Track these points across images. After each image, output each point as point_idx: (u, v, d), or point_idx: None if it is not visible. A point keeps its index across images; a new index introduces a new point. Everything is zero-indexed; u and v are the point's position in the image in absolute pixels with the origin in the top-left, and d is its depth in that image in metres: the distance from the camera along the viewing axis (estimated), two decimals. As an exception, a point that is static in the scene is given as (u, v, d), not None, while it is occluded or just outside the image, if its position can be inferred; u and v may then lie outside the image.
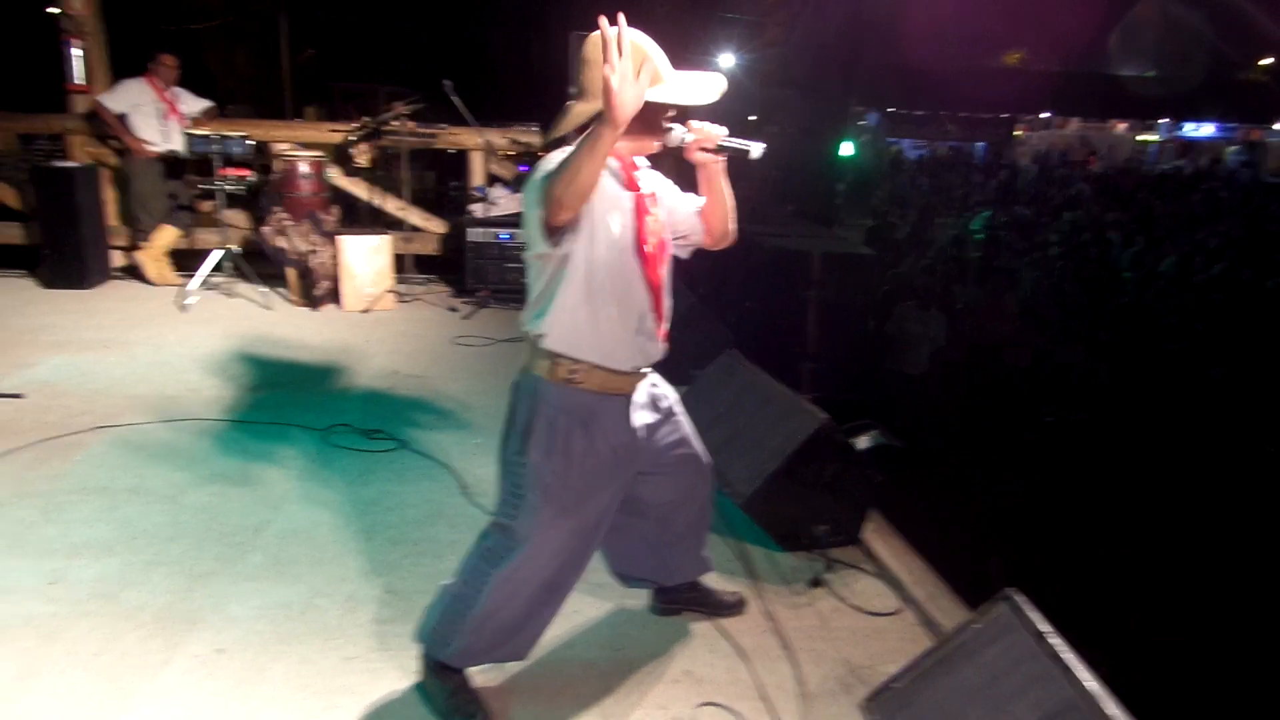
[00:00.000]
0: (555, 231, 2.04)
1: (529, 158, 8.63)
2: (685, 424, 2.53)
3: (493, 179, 7.44)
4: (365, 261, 6.34)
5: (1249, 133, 32.42)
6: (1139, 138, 33.90)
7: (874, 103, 26.58)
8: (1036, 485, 6.10)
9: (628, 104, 1.83)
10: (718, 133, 2.22)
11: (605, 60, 1.82)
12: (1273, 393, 7.60)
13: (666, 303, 2.31)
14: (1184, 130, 33.36)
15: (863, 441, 3.90)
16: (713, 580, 2.93)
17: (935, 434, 6.63)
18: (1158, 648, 4.34)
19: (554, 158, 2.06)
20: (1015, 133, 31.76)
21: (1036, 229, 13.46)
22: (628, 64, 1.84)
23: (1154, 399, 7.79)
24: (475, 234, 6.79)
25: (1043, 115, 32.53)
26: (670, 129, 2.19)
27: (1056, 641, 1.98)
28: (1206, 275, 10.55)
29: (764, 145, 2.21)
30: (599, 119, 1.86)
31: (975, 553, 4.16)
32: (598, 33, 2.11)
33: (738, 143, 2.23)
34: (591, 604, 2.88)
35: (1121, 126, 34.12)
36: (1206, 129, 32.87)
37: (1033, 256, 11.47)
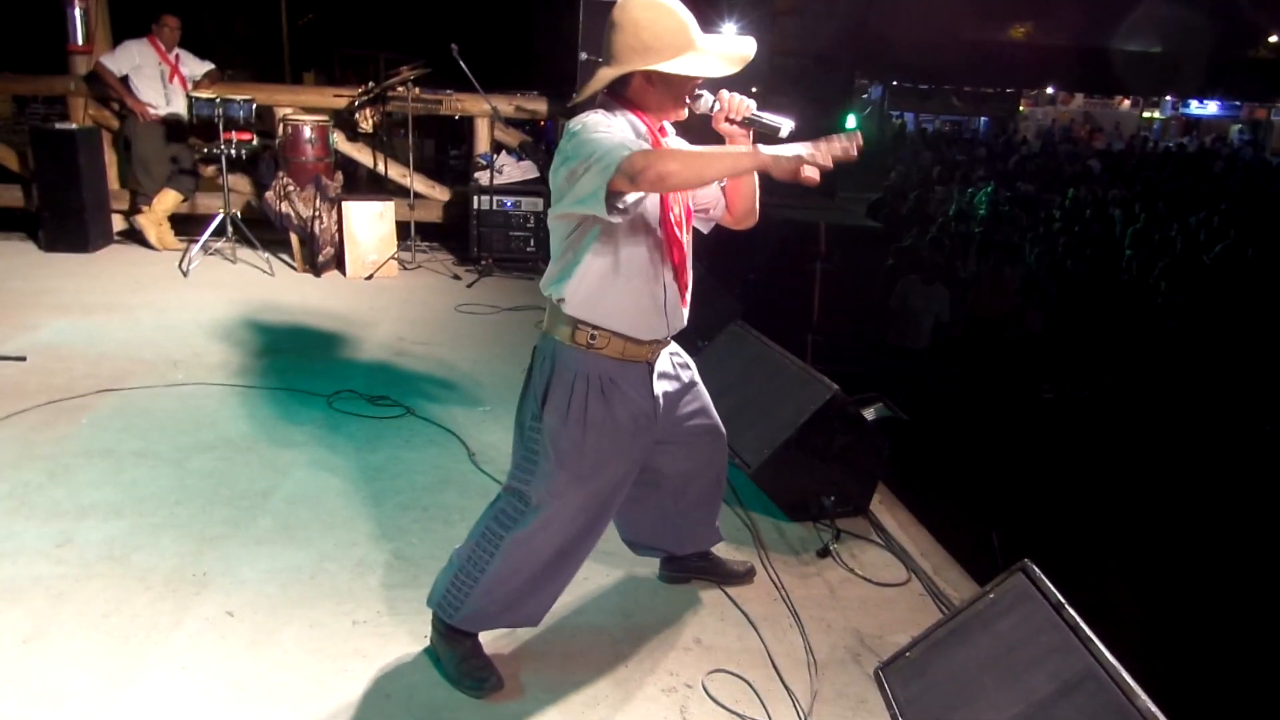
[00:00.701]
0: (620, 197, 1.92)
1: (532, 126, 8.56)
2: (705, 395, 2.51)
3: (498, 146, 7.37)
4: (369, 228, 6.30)
5: (1254, 111, 32.28)
6: (1144, 114, 33.73)
7: (879, 75, 26.41)
8: (1034, 461, 6.12)
9: (792, 175, 1.89)
10: (747, 105, 2.14)
11: (824, 151, 1.88)
12: (1272, 371, 7.61)
13: (689, 273, 2.28)
14: (1189, 107, 33.19)
15: (868, 413, 3.88)
16: (721, 549, 2.93)
17: (936, 408, 6.64)
18: (1155, 623, 4.37)
19: (592, 120, 2.00)
20: (1019, 108, 31.57)
21: (1040, 205, 13.42)
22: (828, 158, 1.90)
23: (1153, 376, 7.81)
24: (481, 201, 6.75)
25: (1047, 90, 32.33)
26: (700, 95, 2.14)
27: (1073, 613, 1.98)
28: (1209, 253, 10.53)
29: (793, 123, 2.11)
30: (762, 155, 1.91)
31: (978, 526, 4.17)
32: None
33: (767, 118, 2.12)
34: (602, 571, 2.88)
35: (1125, 103, 33.93)
36: (1211, 107, 32.70)
37: (1036, 232, 11.44)
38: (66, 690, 2.23)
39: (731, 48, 2.08)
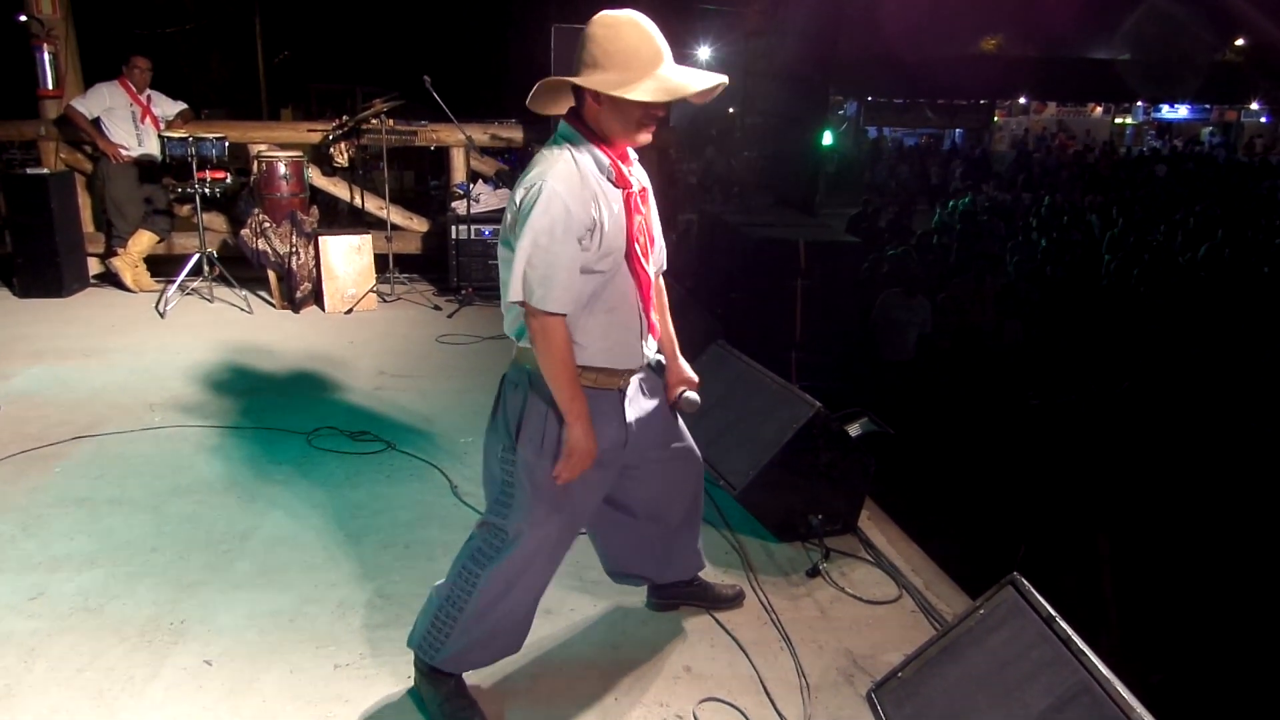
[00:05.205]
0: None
1: (509, 154, 8.56)
2: (676, 418, 2.47)
3: (475, 175, 7.36)
4: (347, 262, 6.26)
5: (1224, 113, 32.67)
6: (1115, 120, 34.08)
7: (853, 91, 26.61)
8: (1022, 470, 6.09)
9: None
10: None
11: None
12: (1256, 371, 7.63)
13: (659, 297, 2.25)
14: (1160, 112, 33.55)
15: (853, 429, 3.86)
16: (709, 573, 2.89)
17: (923, 420, 6.61)
18: (1149, 633, 4.33)
19: (544, 203, 1.95)
20: (994, 118, 31.86)
21: (1017, 213, 13.50)
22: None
23: (1137, 379, 7.81)
24: (459, 231, 6.72)
25: (1020, 100, 32.65)
26: None
27: (1065, 625, 1.94)
28: (1190, 256, 10.59)
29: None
30: (573, 417, 2.04)
31: (968, 539, 4.13)
32: (611, 15, 1.99)
33: None
34: (588, 602, 2.84)
35: (1098, 110, 34.28)
36: (1181, 110, 33.06)
37: (1015, 240, 11.49)
38: (38, 750, 2.17)
39: (680, 81, 1.97)
